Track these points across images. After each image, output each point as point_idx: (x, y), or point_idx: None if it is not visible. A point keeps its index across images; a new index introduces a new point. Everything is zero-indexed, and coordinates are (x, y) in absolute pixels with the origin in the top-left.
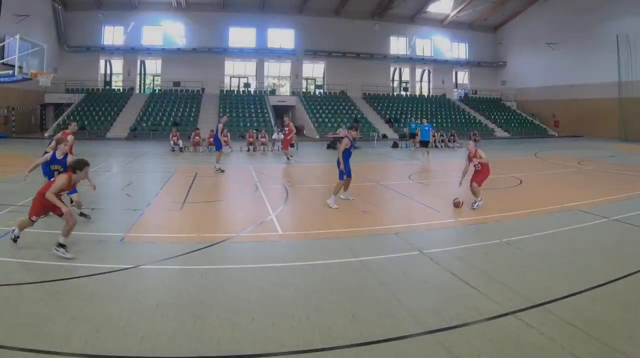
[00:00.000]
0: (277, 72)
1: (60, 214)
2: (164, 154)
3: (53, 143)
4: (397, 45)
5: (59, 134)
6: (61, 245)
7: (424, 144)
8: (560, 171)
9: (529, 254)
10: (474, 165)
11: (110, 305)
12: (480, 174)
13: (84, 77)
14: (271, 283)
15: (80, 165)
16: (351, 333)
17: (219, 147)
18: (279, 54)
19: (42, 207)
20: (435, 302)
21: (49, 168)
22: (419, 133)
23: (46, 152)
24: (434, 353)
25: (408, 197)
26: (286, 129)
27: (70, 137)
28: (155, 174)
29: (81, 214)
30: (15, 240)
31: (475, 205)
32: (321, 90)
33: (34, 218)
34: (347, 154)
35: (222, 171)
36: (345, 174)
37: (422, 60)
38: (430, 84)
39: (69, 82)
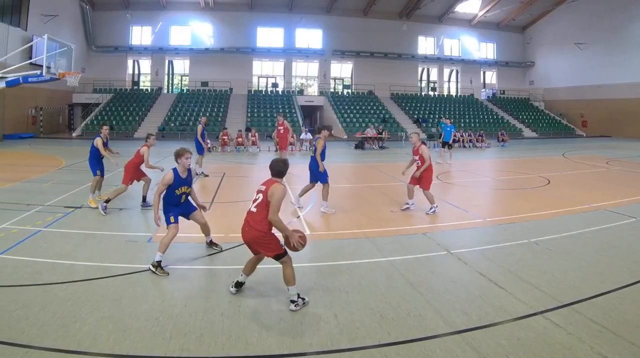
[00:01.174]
0: (305, 72)
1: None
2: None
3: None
4: (425, 45)
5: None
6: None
7: (446, 144)
8: (588, 171)
9: (557, 254)
10: (414, 160)
11: (138, 305)
12: (424, 178)
13: (112, 77)
14: (298, 283)
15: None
16: (379, 333)
17: (200, 151)
18: (307, 54)
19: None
20: (463, 302)
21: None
22: (442, 133)
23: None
24: (462, 353)
25: (436, 197)
26: (280, 127)
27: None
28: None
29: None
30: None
31: (430, 211)
32: (349, 90)
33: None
34: (322, 157)
35: (206, 175)
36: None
37: (450, 60)
38: (458, 83)
39: (97, 82)
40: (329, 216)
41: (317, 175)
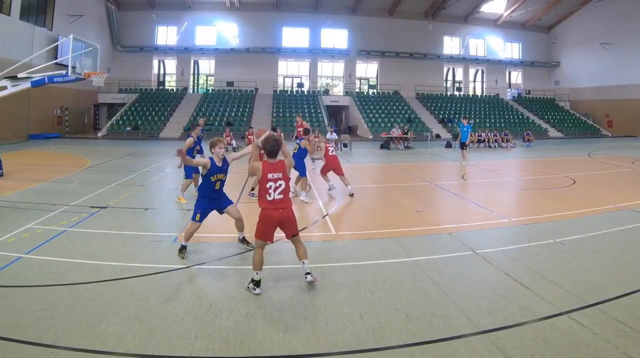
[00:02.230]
0: (331, 72)
1: None
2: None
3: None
4: (451, 45)
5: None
6: None
7: (463, 145)
8: (613, 171)
9: (582, 254)
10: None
11: (164, 305)
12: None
13: (137, 77)
14: (324, 283)
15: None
16: (404, 333)
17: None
18: (332, 54)
19: None
20: (488, 302)
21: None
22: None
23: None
24: (487, 353)
25: (461, 197)
26: (300, 129)
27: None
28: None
29: None
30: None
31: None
32: (374, 90)
33: None
34: (303, 154)
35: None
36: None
37: (476, 60)
38: (484, 83)
39: (122, 82)
40: (355, 216)
41: (298, 169)
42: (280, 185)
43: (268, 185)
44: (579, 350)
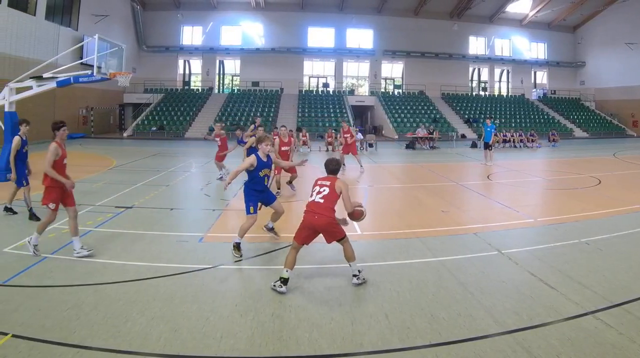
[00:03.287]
0: (356, 72)
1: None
2: (242, 154)
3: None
4: (476, 45)
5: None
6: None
7: (487, 145)
8: (639, 171)
9: (608, 254)
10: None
11: (189, 305)
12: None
13: (163, 77)
14: (349, 283)
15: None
16: (430, 333)
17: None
18: (357, 54)
19: None
20: (514, 302)
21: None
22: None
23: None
24: (512, 353)
25: (487, 197)
26: (347, 134)
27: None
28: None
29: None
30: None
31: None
32: (400, 90)
33: None
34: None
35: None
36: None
37: (501, 60)
38: (509, 83)
39: (148, 82)
40: (380, 216)
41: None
42: (324, 190)
43: (314, 189)
44: (605, 350)
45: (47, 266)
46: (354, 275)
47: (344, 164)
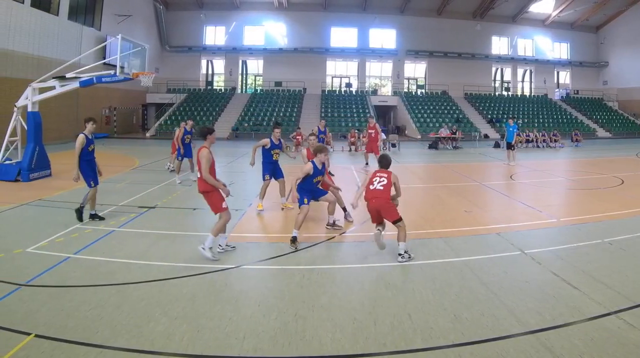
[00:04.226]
0: (379, 72)
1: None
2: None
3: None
4: (499, 45)
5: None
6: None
7: (509, 145)
8: None
9: (631, 254)
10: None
11: (212, 305)
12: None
13: (186, 77)
14: (372, 283)
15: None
16: (453, 333)
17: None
18: (380, 54)
19: None
20: (536, 302)
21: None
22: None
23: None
24: (535, 353)
25: (510, 197)
26: (372, 130)
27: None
28: (256, 173)
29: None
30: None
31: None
32: (423, 90)
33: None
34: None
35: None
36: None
37: (524, 60)
38: (532, 83)
39: (171, 82)
40: (403, 216)
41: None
42: (383, 180)
43: (374, 179)
44: (628, 350)
45: (70, 266)
46: (399, 254)
47: (367, 163)
